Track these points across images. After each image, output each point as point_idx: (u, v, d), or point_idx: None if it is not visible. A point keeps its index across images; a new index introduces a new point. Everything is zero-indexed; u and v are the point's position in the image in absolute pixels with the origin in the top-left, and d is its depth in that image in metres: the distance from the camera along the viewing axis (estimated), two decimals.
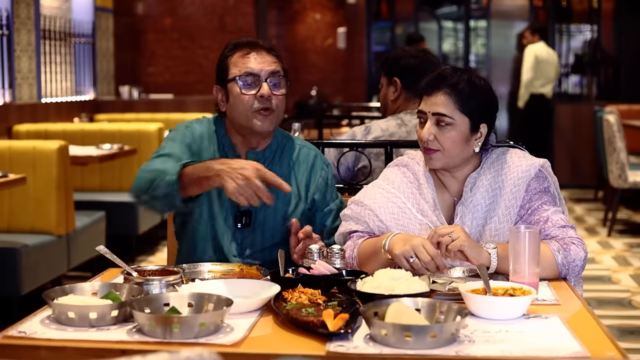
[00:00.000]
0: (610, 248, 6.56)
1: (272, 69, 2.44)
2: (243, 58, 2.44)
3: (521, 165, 2.32)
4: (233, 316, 1.85)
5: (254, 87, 2.42)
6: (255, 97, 2.41)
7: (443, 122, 2.26)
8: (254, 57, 2.44)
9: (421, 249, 2.08)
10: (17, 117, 6.73)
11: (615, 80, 10.36)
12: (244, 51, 2.46)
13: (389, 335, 1.65)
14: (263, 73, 2.42)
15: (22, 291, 4.40)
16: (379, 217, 2.33)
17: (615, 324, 4.53)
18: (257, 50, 2.45)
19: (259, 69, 2.42)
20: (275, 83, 2.44)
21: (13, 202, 4.76)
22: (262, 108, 2.41)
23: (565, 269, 2.20)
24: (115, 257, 2.12)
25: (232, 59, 2.46)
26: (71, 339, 1.73)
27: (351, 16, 10.81)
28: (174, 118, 7.69)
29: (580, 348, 1.66)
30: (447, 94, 2.26)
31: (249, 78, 2.42)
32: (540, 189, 2.32)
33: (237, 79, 2.42)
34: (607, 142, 7.07)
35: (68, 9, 7.95)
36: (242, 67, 2.43)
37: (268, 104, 2.42)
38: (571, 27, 10.73)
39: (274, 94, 2.43)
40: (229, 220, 2.46)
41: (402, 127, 3.23)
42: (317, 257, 2.19)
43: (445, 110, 2.26)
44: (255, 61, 2.43)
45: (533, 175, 2.30)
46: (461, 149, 2.28)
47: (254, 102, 2.41)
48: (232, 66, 2.45)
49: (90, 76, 8.55)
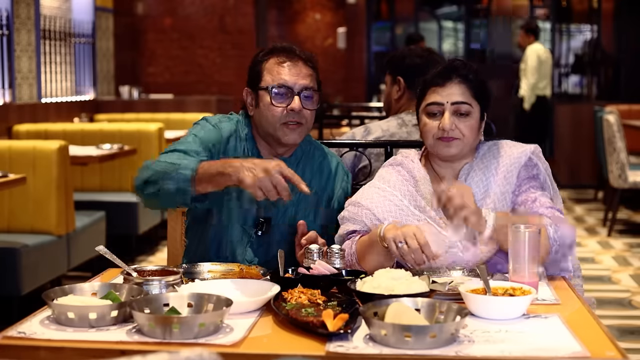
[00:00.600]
0: (610, 248, 6.56)
1: (306, 83, 2.39)
2: (278, 66, 2.39)
3: (512, 153, 2.36)
4: (233, 316, 1.85)
5: (286, 99, 2.38)
6: (285, 109, 2.37)
7: (462, 111, 2.31)
8: (290, 67, 2.39)
9: (411, 236, 2.07)
10: (17, 117, 6.73)
11: (615, 80, 10.36)
12: (280, 59, 2.40)
13: (389, 336, 1.65)
14: (297, 86, 2.38)
15: (22, 291, 4.40)
16: (377, 215, 2.34)
17: (615, 324, 4.53)
18: (294, 60, 2.40)
19: (293, 81, 2.38)
20: (308, 97, 2.40)
21: (13, 202, 4.76)
22: (291, 121, 2.38)
23: (557, 244, 2.20)
24: (115, 257, 2.12)
25: (267, 65, 2.41)
26: (71, 339, 1.73)
27: (351, 16, 10.82)
28: (174, 118, 7.69)
29: (580, 348, 1.66)
30: (461, 83, 2.33)
31: (282, 89, 2.37)
32: (529, 175, 2.35)
33: (269, 88, 2.38)
34: (607, 142, 7.07)
35: (68, 9, 7.95)
36: (276, 77, 2.38)
37: (298, 117, 2.38)
38: (571, 27, 10.74)
39: (305, 108, 2.39)
40: (248, 225, 2.44)
41: (402, 128, 3.23)
42: (316, 257, 2.19)
43: (464, 98, 2.32)
44: (290, 72, 2.38)
45: (524, 162, 2.34)
46: (476, 136, 2.35)
47: (283, 114, 2.37)
48: (266, 73, 2.40)
49: (90, 76, 8.55)
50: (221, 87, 9.33)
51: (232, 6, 9.38)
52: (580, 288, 2.41)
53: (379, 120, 3.38)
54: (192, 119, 7.60)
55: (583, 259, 6.14)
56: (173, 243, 2.74)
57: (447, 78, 2.33)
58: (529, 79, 9.06)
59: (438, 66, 2.40)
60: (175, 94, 9.12)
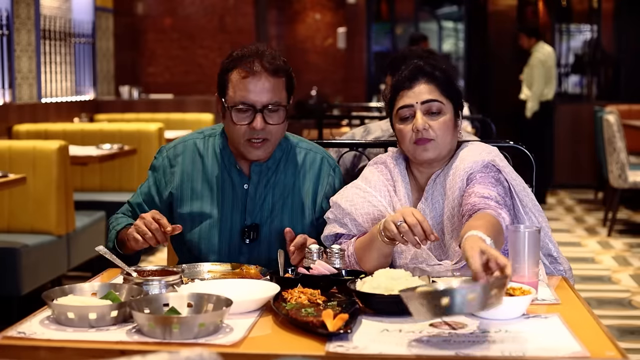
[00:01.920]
0: (610, 248, 6.56)
1: (268, 100, 2.29)
2: (241, 81, 2.30)
3: (468, 157, 2.28)
4: (232, 316, 1.85)
5: (248, 117, 2.31)
6: (248, 127, 2.32)
7: (434, 109, 2.28)
8: (252, 82, 2.29)
9: (409, 214, 2.04)
10: (17, 117, 6.73)
11: (615, 80, 10.36)
12: (243, 72, 2.30)
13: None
14: (258, 104, 2.29)
15: (22, 291, 4.40)
16: (357, 220, 2.32)
17: (615, 324, 4.53)
18: (257, 74, 2.29)
19: (253, 100, 2.29)
20: (272, 111, 2.31)
21: (13, 202, 4.76)
22: (254, 139, 2.32)
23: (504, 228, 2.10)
24: (114, 257, 2.12)
25: (231, 77, 2.33)
26: (71, 339, 1.73)
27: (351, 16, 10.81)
28: (174, 118, 7.69)
29: (580, 348, 1.66)
30: (429, 82, 2.30)
31: (243, 106, 2.30)
32: (483, 175, 2.25)
33: (230, 107, 2.32)
34: (607, 142, 7.07)
35: (68, 9, 7.95)
36: (238, 94, 2.30)
37: (262, 134, 2.32)
38: (571, 27, 10.73)
39: (269, 124, 2.31)
40: (235, 235, 2.41)
41: None
42: (316, 257, 2.19)
43: (434, 95, 2.29)
44: (252, 89, 2.29)
45: (477, 169, 2.25)
46: (451, 136, 2.31)
47: (247, 132, 2.32)
48: (230, 86, 2.33)
49: (90, 76, 8.55)
50: None
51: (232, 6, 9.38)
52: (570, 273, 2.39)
53: (379, 121, 3.38)
54: (192, 119, 7.64)
55: (583, 259, 6.14)
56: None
57: (413, 79, 2.31)
58: (535, 89, 8.84)
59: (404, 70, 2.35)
60: (175, 94, 9.12)
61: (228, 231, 2.41)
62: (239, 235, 2.41)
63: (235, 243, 2.42)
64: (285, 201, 2.43)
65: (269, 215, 2.42)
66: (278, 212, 2.42)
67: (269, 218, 2.42)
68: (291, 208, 2.43)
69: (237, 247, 2.42)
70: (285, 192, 2.43)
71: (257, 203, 2.41)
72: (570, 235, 7.05)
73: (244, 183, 2.42)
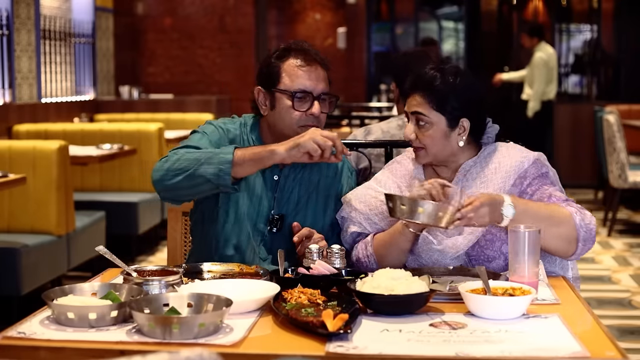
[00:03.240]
0: (610, 248, 6.56)
1: (323, 88, 2.41)
2: (297, 69, 2.40)
3: (515, 156, 2.35)
4: (232, 316, 1.85)
5: (305, 103, 2.40)
6: (305, 113, 2.40)
7: (422, 121, 2.33)
8: (309, 71, 2.41)
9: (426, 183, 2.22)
10: (17, 117, 6.73)
11: (615, 80, 10.36)
12: (299, 61, 2.41)
13: None
14: (316, 91, 2.40)
15: (22, 291, 4.40)
16: (372, 219, 2.39)
17: (615, 324, 4.53)
18: (312, 64, 2.42)
19: (312, 86, 2.40)
20: (324, 100, 2.43)
21: (13, 202, 4.76)
22: (309, 125, 2.39)
23: (583, 231, 2.20)
24: (114, 257, 2.12)
25: (285, 67, 2.42)
26: (71, 339, 1.73)
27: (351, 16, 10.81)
28: (174, 118, 7.69)
29: (580, 348, 1.66)
30: (422, 94, 2.33)
31: (302, 94, 2.39)
32: (538, 174, 2.34)
33: (290, 92, 2.39)
34: (607, 142, 7.06)
35: (68, 9, 7.95)
36: (296, 82, 2.39)
37: (316, 121, 2.40)
38: (571, 27, 10.73)
39: (322, 112, 2.42)
40: (261, 223, 2.44)
41: (402, 129, 3.23)
42: (316, 257, 2.19)
43: (421, 109, 2.33)
44: (309, 77, 2.40)
45: (526, 165, 2.33)
46: (442, 144, 2.33)
47: (302, 118, 2.40)
48: (285, 75, 2.41)
49: (90, 76, 8.55)
50: (221, 87, 9.33)
51: (232, 6, 9.38)
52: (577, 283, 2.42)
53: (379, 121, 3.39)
54: (192, 119, 7.64)
55: (583, 258, 6.13)
56: (173, 243, 2.74)
57: (412, 87, 2.36)
58: (536, 88, 8.82)
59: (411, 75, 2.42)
60: (175, 94, 9.12)
61: (255, 217, 2.43)
62: (265, 223, 2.44)
63: (260, 230, 2.44)
64: (310, 197, 2.49)
65: (294, 208, 2.47)
66: (303, 206, 2.48)
67: (294, 210, 2.47)
68: (315, 204, 2.49)
69: (261, 235, 2.44)
70: (311, 188, 2.50)
71: (285, 194, 2.47)
72: None
73: (274, 174, 2.47)
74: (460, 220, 2.10)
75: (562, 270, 2.37)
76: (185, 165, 2.27)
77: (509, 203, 2.13)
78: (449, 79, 2.32)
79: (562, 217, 2.20)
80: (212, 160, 2.24)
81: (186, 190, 2.31)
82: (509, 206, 2.13)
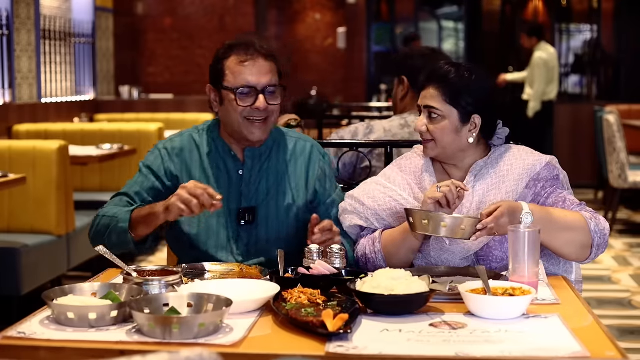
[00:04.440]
0: (610, 248, 6.56)
1: (269, 81, 2.41)
2: (239, 65, 2.40)
3: (527, 159, 2.37)
4: (232, 316, 1.85)
5: (250, 97, 2.40)
6: (250, 107, 2.40)
7: (434, 114, 2.35)
8: (251, 66, 2.40)
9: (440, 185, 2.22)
10: (17, 117, 6.73)
11: (615, 80, 10.35)
12: (241, 57, 2.41)
13: None
14: (260, 85, 2.40)
15: (22, 291, 4.40)
16: (380, 214, 2.40)
17: (615, 324, 4.53)
18: (254, 57, 2.40)
19: (255, 81, 2.39)
20: (271, 92, 2.42)
21: (13, 202, 4.76)
22: (256, 118, 2.41)
23: (598, 237, 2.22)
24: (114, 257, 2.12)
25: (228, 63, 2.43)
26: (70, 339, 1.73)
27: (351, 16, 10.81)
28: (174, 118, 7.69)
29: (580, 348, 1.66)
30: (436, 88, 2.35)
31: (245, 89, 2.40)
32: (551, 176, 2.37)
33: (233, 89, 2.40)
34: (607, 142, 7.06)
35: (68, 9, 7.95)
36: (239, 77, 2.40)
37: (263, 114, 2.41)
38: (571, 27, 10.73)
39: (270, 104, 2.41)
40: (232, 219, 2.46)
41: (404, 129, 3.23)
42: (316, 257, 2.19)
43: (434, 102, 2.34)
44: (251, 71, 2.39)
45: (539, 168, 2.35)
46: (452, 138, 2.35)
47: (248, 112, 2.40)
48: (228, 72, 2.42)
49: (90, 76, 8.55)
50: None
51: (232, 6, 9.37)
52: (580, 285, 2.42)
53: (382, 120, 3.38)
54: (192, 119, 7.64)
55: None
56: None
57: (428, 80, 2.38)
58: (536, 88, 8.81)
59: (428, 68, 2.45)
60: (175, 94, 9.11)
61: (226, 215, 2.45)
62: (235, 218, 2.46)
63: (232, 227, 2.46)
64: (279, 185, 2.50)
65: (265, 199, 2.48)
66: (273, 195, 2.49)
67: (265, 200, 2.48)
68: (285, 191, 2.49)
69: (235, 231, 2.46)
70: (279, 177, 2.51)
71: (252, 187, 2.48)
72: None
73: (238, 169, 2.49)
74: (481, 231, 2.12)
75: (565, 273, 2.37)
76: (102, 232, 2.37)
77: (527, 211, 2.16)
78: (464, 74, 2.35)
79: (577, 224, 2.22)
80: (115, 229, 2.34)
81: (117, 249, 2.34)
82: (528, 214, 2.15)
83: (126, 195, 2.48)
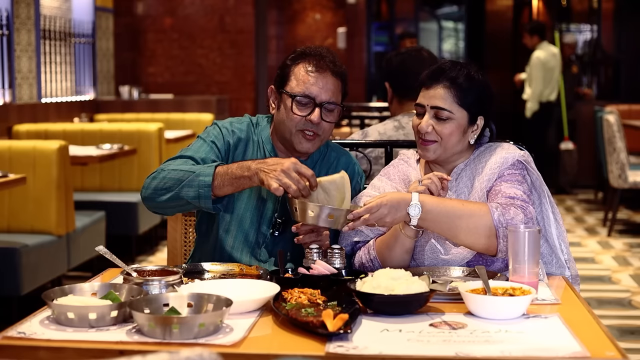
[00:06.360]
0: (610, 248, 6.56)
1: (328, 98, 2.38)
2: (306, 74, 2.39)
3: (501, 153, 2.32)
4: (232, 316, 1.85)
5: (307, 108, 2.38)
6: (304, 118, 2.38)
7: (442, 115, 2.30)
8: (317, 78, 2.38)
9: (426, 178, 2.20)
10: (17, 117, 6.73)
11: (615, 80, 10.35)
12: (310, 66, 2.40)
13: None
14: (319, 98, 2.38)
15: (22, 291, 4.40)
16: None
17: (615, 324, 4.53)
18: (322, 71, 2.39)
19: (316, 92, 2.37)
20: (329, 110, 2.40)
21: (13, 202, 4.76)
22: (308, 130, 2.39)
23: (502, 227, 2.13)
24: (114, 257, 2.12)
25: (296, 69, 2.41)
26: (70, 339, 1.73)
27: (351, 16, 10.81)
28: (174, 118, 7.69)
29: (580, 348, 1.66)
30: (446, 88, 2.30)
31: (304, 99, 2.38)
32: (510, 172, 2.29)
33: (292, 95, 2.38)
34: (607, 142, 7.06)
35: (68, 9, 7.95)
36: (302, 86, 2.38)
37: (315, 129, 2.39)
38: (571, 27, 10.73)
39: (324, 120, 2.39)
40: (264, 226, 2.44)
41: (399, 130, 3.24)
42: (316, 257, 2.19)
43: (444, 103, 2.30)
44: (316, 83, 2.38)
45: (509, 163, 2.29)
46: (458, 139, 2.32)
47: (302, 122, 2.38)
48: (293, 77, 2.40)
49: (90, 76, 8.55)
50: (221, 87, 9.33)
51: (232, 6, 9.38)
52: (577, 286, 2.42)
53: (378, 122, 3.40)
54: (192, 119, 7.64)
55: (583, 259, 6.14)
56: (173, 243, 2.74)
57: (434, 80, 2.32)
58: (534, 89, 8.80)
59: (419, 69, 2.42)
60: (175, 94, 9.11)
61: (259, 218, 2.43)
62: (268, 226, 2.44)
63: (263, 233, 2.44)
64: None
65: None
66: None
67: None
68: None
69: (263, 237, 2.44)
70: None
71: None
72: (570, 235, 7.05)
73: None
74: (353, 222, 2.11)
75: (559, 270, 2.37)
76: (169, 185, 2.28)
77: (415, 202, 2.11)
78: (473, 75, 2.32)
79: (477, 212, 2.15)
80: (192, 182, 2.24)
81: (173, 209, 2.34)
82: (415, 205, 2.11)
83: (191, 159, 2.37)
